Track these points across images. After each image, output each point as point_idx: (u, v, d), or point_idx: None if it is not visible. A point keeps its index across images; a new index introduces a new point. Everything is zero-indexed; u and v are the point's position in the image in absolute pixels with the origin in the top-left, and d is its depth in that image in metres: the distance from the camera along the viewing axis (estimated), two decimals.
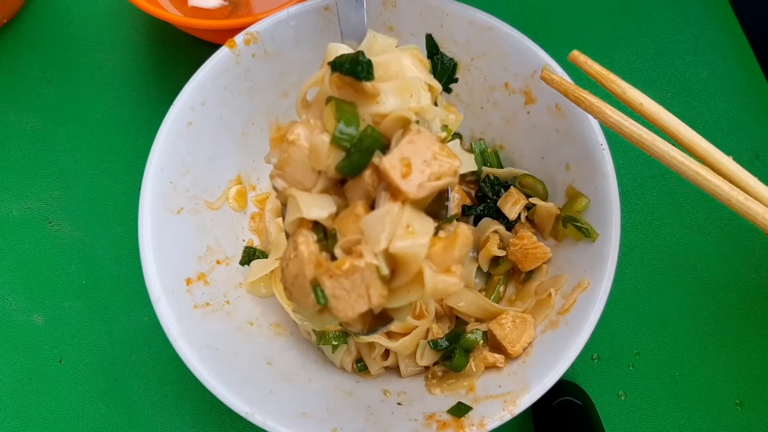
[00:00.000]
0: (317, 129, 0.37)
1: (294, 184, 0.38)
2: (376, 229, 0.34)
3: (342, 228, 0.36)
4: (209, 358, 0.48)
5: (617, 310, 0.63)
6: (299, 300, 0.36)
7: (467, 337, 0.52)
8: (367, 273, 0.34)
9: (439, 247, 0.34)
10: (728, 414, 0.60)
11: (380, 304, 0.35)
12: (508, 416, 0.46)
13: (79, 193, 0.69)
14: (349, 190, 0.38)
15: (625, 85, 0.45)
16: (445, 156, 0.35)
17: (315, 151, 0.37)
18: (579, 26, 0.75)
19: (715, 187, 0.42)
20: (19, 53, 0.75)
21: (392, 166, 0.34)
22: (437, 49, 0.58)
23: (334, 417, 0.48)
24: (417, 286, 0.34)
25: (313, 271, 0.35)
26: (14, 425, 0.60)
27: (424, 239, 0.34)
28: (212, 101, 0.55)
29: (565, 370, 0.46)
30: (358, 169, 0.36)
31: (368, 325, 0.38)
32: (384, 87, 0.37)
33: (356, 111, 0.37)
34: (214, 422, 0.60)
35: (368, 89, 0.37)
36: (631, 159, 0.69)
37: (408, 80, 0.38)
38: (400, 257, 0.34)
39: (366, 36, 0.41)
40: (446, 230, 0.36)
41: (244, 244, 0.59)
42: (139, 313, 0.63)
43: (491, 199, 0.60)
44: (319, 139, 0.37)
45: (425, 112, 0.38)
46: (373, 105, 0.37)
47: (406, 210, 0.34)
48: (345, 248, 0.35)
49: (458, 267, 0.35)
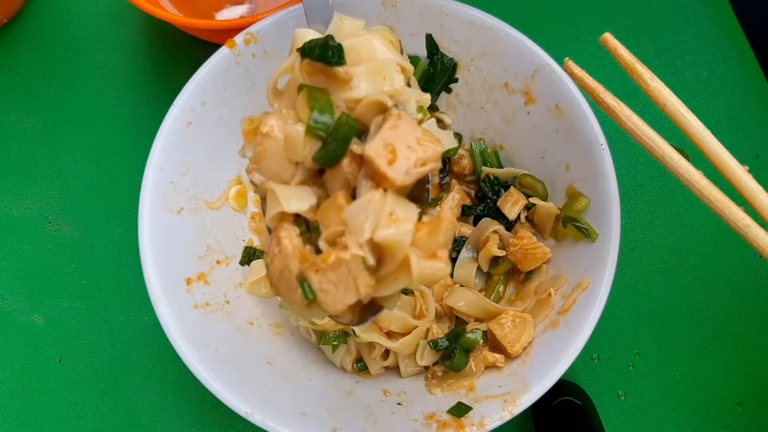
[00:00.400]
0: (291, 119, 0.37)
1: (272, 177, 0.37)
2: (360, 219, 0.33)
3: (324, 219, 0.35)
4: (209, 358, 0.48)
5: (617, 310, 0.63)
6: (286, 295, 0.35)
7: (467, 337, 0.52)
8: (353, 265, 0.33)
9: (423, 232, 0.34)
10: (728, 414, 0.60)
11: (368, 295, 0.34)
12: (508, 416, 0.46)
13: (79, 193, 0.69)
14: (328, 180, 0.37)
15: (649, 77, 0.44)
16: (428, 141, 0.35)
17: (290, 142, 0.36)
18: (579, 26, 0.75)
19: (721, 206, 0.41)
20: (19, 53, 0.75)
21: (377, 153, 0.34)
22: (437, 49, 0.58)
23: (334, 417, 0.48)
24: (404, 273, 0.34)
25: (298, 265, 0.34)
26: (14, 425, 0.60)
27: (408, 226, 0.33)
28: (212, 101, 0.55)
29: (565, 370, 0.46)
30: (336, 158, 0.35)
31: (358, 315, 0.38)
32: (356, 71, 0.36)
33: (329, 98, 0.36)
34: (214, 422, 0.60)
35: (340, 74, 0.36)
36: (631, 159, 0.69)
37: (380, 63, 0.37)
38: (385, 246, 0.33)
39: (333, 19, 0.40)
40: (429, 215, 0.35)
41: (244, 244, 0.59)
42: (139, 313, 0.63)
43: (491, 199, 0.60)
44: (293, 130, 0.36)
45: (399, 95, 0.37)
46: (347, 90, 0.36)
47: (388, 197, 0.34)
48: (329, 240, 0.34)
49: (444, 252, 0.34)
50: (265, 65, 0.57)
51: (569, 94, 0.53)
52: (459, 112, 0.62)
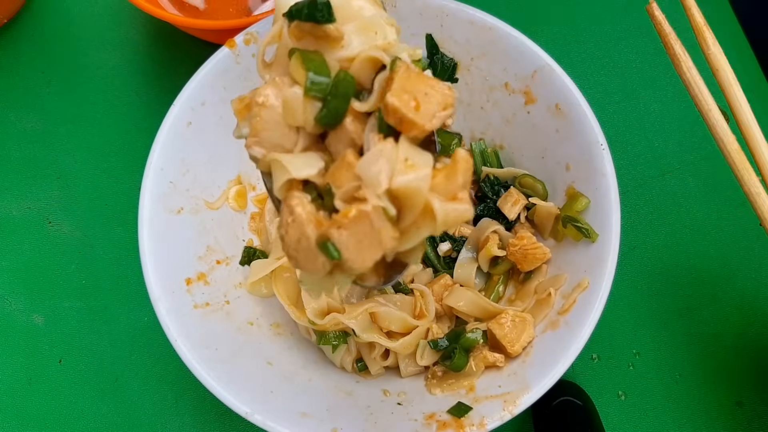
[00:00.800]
0: (286, 85, 0.36)
1: (273, 148, 0.36)
2: (374, 170, 0.32)
3: (336, 181, 0.34)
4: (209, 358, 0.48)
5: (617, 310, 0.63)
6: (306, 265, 0.34)
7: (467, 337, 0.52)
8: (374, 216, 0.32)
9: (441, 177, 0.33)
10: (728, 414, 0.60)
11: (394, 248, 0.33)
12: (508, 416, 0.46)
13: (79, 193, 0.69)
14: (332, 143, 0.36)
15: (711, 42, 0.48)
16: (440, 87, 0.34)
17: (289, 106, 0.35)
18: (579, 26, 0.75)
19: (742, 170, 0.46)
20: (19, 53, 0.75)
21: (401, 102, 0.33)
22: (437, 49, 0.58)
23: (334, 417, 0.48)
24: (427, 221, 0.33)
25: (314, 230, 0.33)
26: (14, 425, 0.60)
27: (425, 170, 0.32)
28: (212, 101, 0.55)
29: (565, 370, 0.46)
30: (339, 116, 0.35)
31: (383, 275, 0.37)
32: (347, 29, 0.36)
33: (323, 58, 0.35)
34: (214, 422, 0.60)
35: (331, 32, 0.35)
36: (631, 159, 0.69)
37: (369, 18, 0.36)
38: (403, 193, 0.32)
39: None
40: (443, 162, 0.34)
41: (244, 244, 0.59)
42: (139, 313, 0.63)
43: (491, 200, 0.60)
44: (290, 93, 0.35)
45: (393, 47, 0.36)
46: (339, 50, 0.35)
47: (401, 145, 0.33)
48: (345, 198, 0.33)
49: (465, 193, 0.33)
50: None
51: (569, 94, 0.53)
52: (459, 112, 0.62)
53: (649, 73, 0.73)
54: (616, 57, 0.73)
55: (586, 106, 0.52)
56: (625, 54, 0.73)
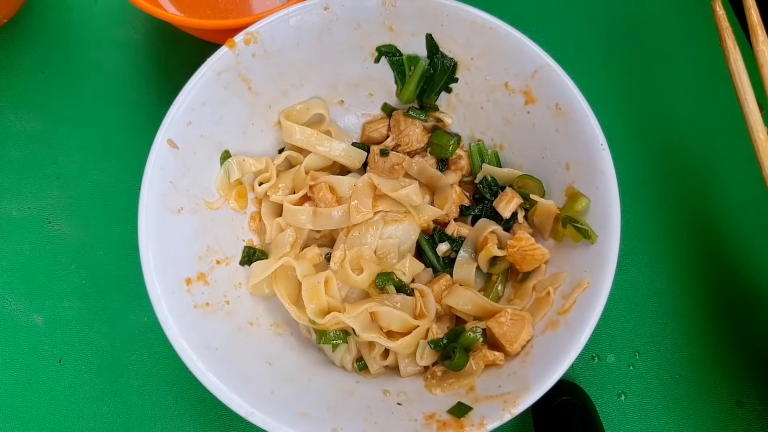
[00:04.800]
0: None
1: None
2: None
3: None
4: (209, 358, 0.48)
5: (617, 310, 0.63)
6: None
7: (467, 335, 0.52)
8: None
9: None
10: (728, 414, 0.60)
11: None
12: (508, 416, 0.46)
13: (79, 193, 0.69)
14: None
15: (762, 39, 0.52)
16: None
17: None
18: (579, 26, 0.75)
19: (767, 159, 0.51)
20: (19, 53, 0.75)
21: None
22: (437, 49, 0.58)
23: (334, 417, 0.48)
24: None
25: None
26: (14, 425, 0.60)
27: None
28: (212, 101, 0.55)
29: (565, 370, 0.46)
30: None
31: None
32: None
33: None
34: (214, 422, 0.60)
35: None
36: (631, 159, 0.69)
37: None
38: None
39: None
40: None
41: (244, 244, 0.59)
42: (139, 313, 0.63)
43: (489, 200, 0.60)
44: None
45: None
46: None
47: None
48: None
49: None
50: (265, 65, 0.57)
51: (569, 94, 0.53)
52: (459, 112, 0.62)
53: (648, 72, 0.73)
54: (616, 57, 0.73)
55: (586, 106, 0.52)
56: (625, 54, 0.73)
